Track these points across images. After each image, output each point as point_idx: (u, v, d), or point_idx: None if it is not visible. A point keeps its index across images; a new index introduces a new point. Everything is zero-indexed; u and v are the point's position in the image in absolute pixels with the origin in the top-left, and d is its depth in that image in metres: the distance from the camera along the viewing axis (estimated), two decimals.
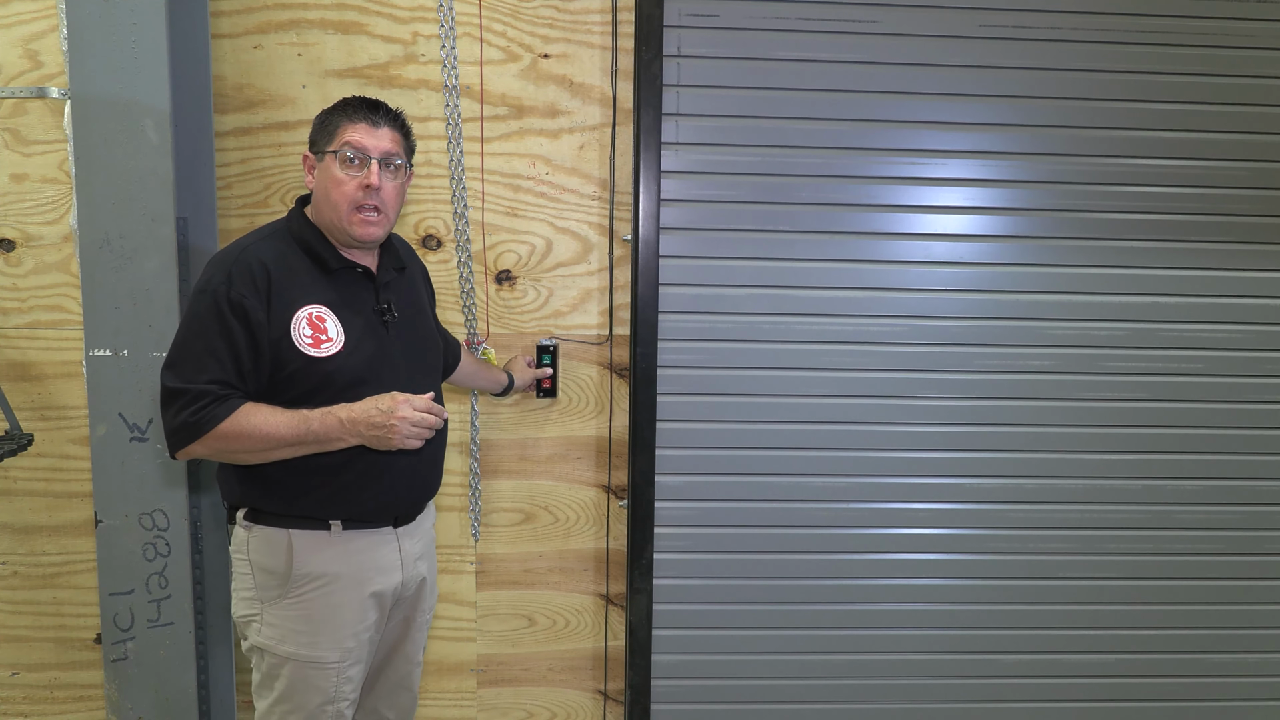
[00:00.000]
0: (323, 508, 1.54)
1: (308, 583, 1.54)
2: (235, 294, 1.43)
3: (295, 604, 1.54)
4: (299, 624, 1.54)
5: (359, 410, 1.47)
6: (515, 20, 2.12)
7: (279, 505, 1.53)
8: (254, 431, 1.43)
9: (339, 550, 1.55)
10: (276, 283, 1.47)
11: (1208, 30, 2.19)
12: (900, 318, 2.24)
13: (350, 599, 1.56)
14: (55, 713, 2.25)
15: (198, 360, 1.43)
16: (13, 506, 2.15)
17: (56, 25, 1.99)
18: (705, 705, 2.34)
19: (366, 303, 1.58)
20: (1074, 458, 2.30)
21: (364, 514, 1.57)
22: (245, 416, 1.43)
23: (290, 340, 1.46)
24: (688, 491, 2.27)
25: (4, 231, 2.06)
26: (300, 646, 1.54)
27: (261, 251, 1.49)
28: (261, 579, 1.55)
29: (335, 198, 1.51)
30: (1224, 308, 2.28)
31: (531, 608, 2.32)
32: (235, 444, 1.44)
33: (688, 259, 2.20)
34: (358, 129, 1.52)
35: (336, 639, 1.55)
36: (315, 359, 1.48)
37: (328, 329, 1.50)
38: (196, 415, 1.41)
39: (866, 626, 2.34)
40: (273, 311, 1.46)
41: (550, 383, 2.21)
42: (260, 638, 1.55)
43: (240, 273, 1.45)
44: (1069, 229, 2.23)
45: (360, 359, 1.52)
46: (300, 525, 1.53)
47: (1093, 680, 2.39)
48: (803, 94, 2.17)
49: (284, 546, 1.53)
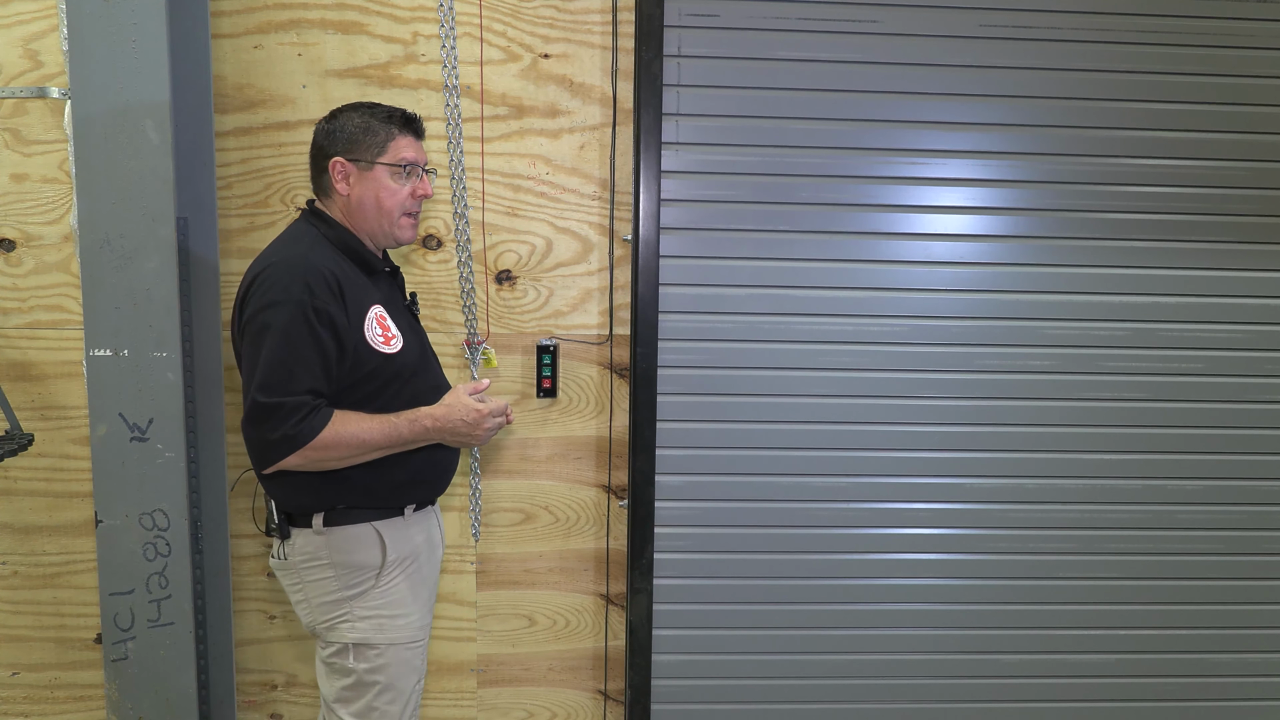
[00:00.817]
0: (400, 496, 1.64)
1: (397, 566, 1.63)
2: (319, 303, 1.48)
3: (388, 589, 1.62)
4: (394, 608, 1.62)
5: (443, 417, 1.59)
6: (515, 20, 2.12)
7: (362, 500, 1.60)
8: (351, 440, 1.51)
9: (415, 530, 1.67)
10: (346, 289, 1.53)
11: (1208, 30, 2.19)
12: (900, 318, 2.24)
13: (424, 575, 1.69)
14: (55, 713, 2.25)
15: (291, 372, 1.47)
16: (13, 506, 2.15)
17: (56, 25, 1.99)
18: (705, 705, 2.34)
19: (399, 299, 1.71)
20: (1074, 458, 2.30)
21: (426, 495, 1.70)
22: (342, 425, 1.50)
23: (366, 341, 1.54)
24: (688, 491, 2.27)
25: (4, 231, 2.06)
26: (399, 630, 1.62)
27: (324, 260, 1.53)
28: (348, 576, 1.60)
29: (389, 205, 1.61)
30: (1224, 308, 2.28)
31: (532, 608, 2.32)
32: (331, 452, 1.50)
33: (688, 259, 2.20)
34: (411, 144, 1.63)
35: (423, 612, 1.68)
36: (390, 355, 1.57)
37: (390, 326, 1.59)
38: (297, 427, 1.46)
39: (867, 626, 2.34)
40: (350, 316, 1.52)
41: (550, 383, 2.21)
42: (356, 633, 1.60)
43: (317, 282, 1.48)
44: (1069, 229, 2.24)
45: (415, 352, 1.64)
46: (382, 516, 1.62)
47: (1093, 680, 2.39)
48: (803, 94, 2.17)
49: (373, 539, 1.61)
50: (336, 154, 1.60)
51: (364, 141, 1.59)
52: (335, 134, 1.61)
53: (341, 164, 1.60)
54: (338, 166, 1.60)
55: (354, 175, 1.60)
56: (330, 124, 1.62)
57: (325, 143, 1.62)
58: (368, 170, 1.60)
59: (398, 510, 1.64)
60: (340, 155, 1.59)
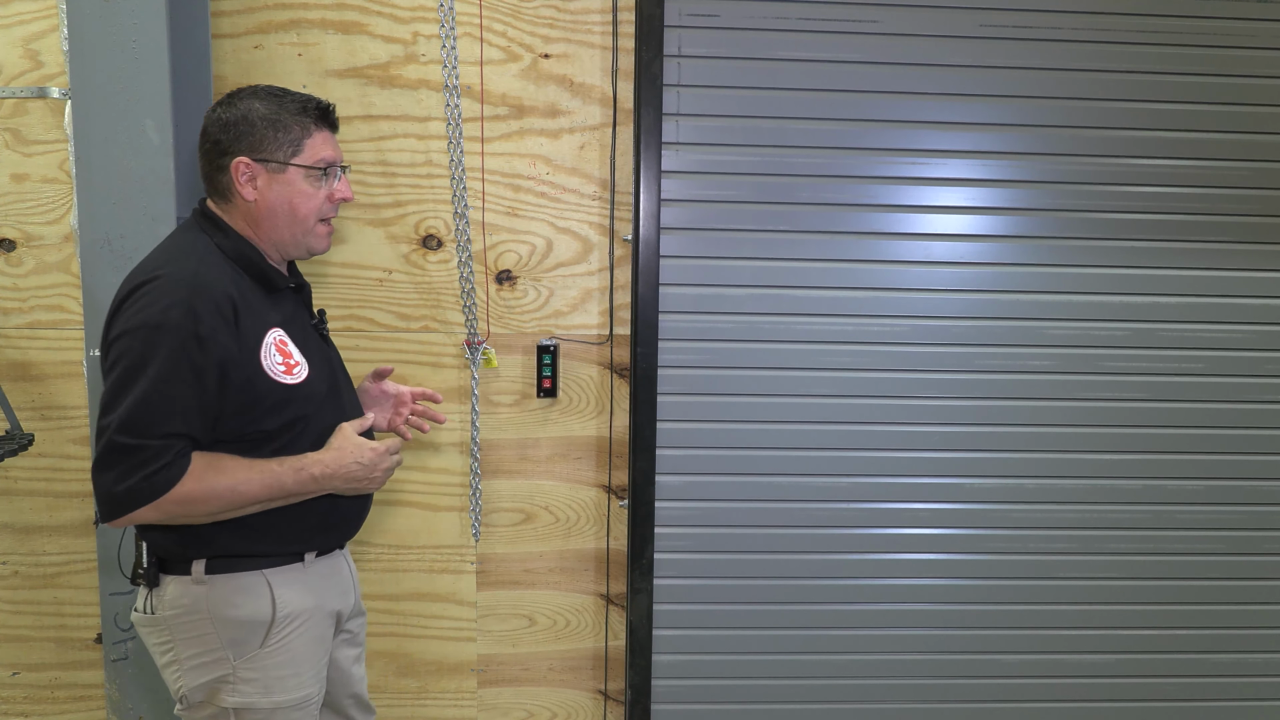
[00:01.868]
0: (302, 538, 1.42)
1: (289, 623, 1.40)
2: (205, 330, 1.24)
3: (278, 649, 1.39)
4: (284, 668, 1.40)
5: (334, 463, 1.35)
6: (515, 20, 2.12)
7: (251, 546, 1.37)
8: (222, 492, 1.27)
9: (312, 582, 1.44)
10: (242, 312, 1.30)
11: (1208, 30, 2.19)
12: (901, 318, 2.24)
13: (325, 629, 1.47)
14: (55, 713, 2.25)
15: (157, 410, 1.22)
16: (13, 506, 2.15)
17: (57, 25, 1.99)
18: (706, 705, 2.34)
19: (305, 320, 1.47)
20: (1074, 458, 2.30)
21: (330, 540, 1.47)
22: (214, 475, 1.27)
23: (263, 372, 1.31)
24: (688, 491, 2.27)
25: (4, 231, 2.06)
26: (287, 691, 1.40)
27: (213, 278, 1.29)
28: (233, 633, 1.37)
29: (305, 213, 1.38)
30: (1224, 308, 2.28)
31: (532, 608, 2.32)
32: (196, 506, 1.27)
33: (688, 259, 2.20)
34: (327, 140, 1.40)
35: (316, 672, 1.45)
36: (292, 386, 1.35)
37: (291, 353, 1.37)
38: (151, 478, 1.22)
39: (867, 626, 2.34)
40: (242, 344, 1.29)
41: (550, 383, 2.21)
42: (238, 698, 1.37)
43: (205, 306, 1.25)
44: (1069, 229, 2.24)
45: (322, 380, 1.42)
46: (276, 563, 1.40)
47: (1093, 680, 2.39)
48: (803, 94, 2.17)
49: (264, 590, 1.38)
50: (240, 153, 1.34)
51: (274, 139, 1.34)
52: (237, 127, 1.34)
53: (247, 165, 1.34)
54: (242, 168, 1.34)
55: (262, 178, 1.35)
56: (229, 113, 1.35)
57: (224, 137, 1.35)
58: (279, 173, 1.35)
59: (296, 557, 1.42)
60: (245, 155, 1.34)
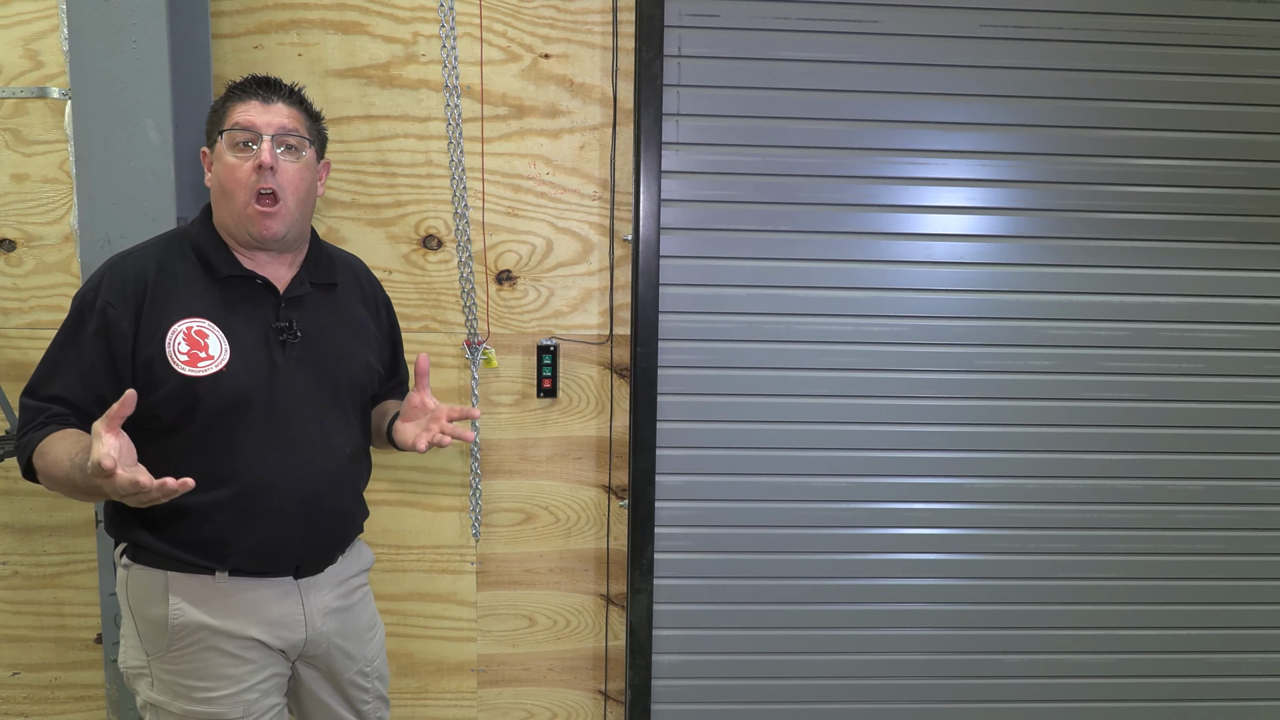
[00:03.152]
0: (203, 551, 1.34)
1: (189, 634, 1.35)
2: (101, 302, 1.28)
3: (183, 657, 1.35)
4: (191, 678, 1.35)
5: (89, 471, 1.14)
6: (516, 20, 2.12)
7: (157, 543, 1.34)
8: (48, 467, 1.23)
9: (224, 602, 1.36)
10: (154, 292, 1.30)
11: (1208, 30, 2.19)
12: (900, 318, 2.24)
13: (243, 652, 1.38)
14: (55, 713, 2.25)
15: (48, 372, 1.29)
16: (13, 506, 2.15)
17: (57, 25, 1.99)
18: (706, 705, 2.34)
19: (264, 319, 1.37)
20: (1074, 458, 2.30)
21: (251, 562, 1.36)
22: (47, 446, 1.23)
23: (164, 357, 1.28)
24: (688, 491, 2.27)
25: (5, 231, 2.06)
26: (197, 703, 1.35)
27: (144, 258, 1.34)
28: (144, 629, 1.36)
29: (230, 186, 1.32)
30: (1224, 308, 2.28)
31: (532, 608, 2.32)
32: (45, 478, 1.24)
33: (688, 259, 2.20)
34: (249, 107, 1.34)
35: (235, 693, 1.36)
36: (190, 379, 1.29)
37: (209, 345, 1.31)
38: (24, 437, 1.26)
39: (867, 626, 2.34)
40: (143, 324, 1.29)
41: (550, 383, 2.21)
42: (153, 693, 1.37)
43: (113, 280, 1.30)
44: (1069, 229, 2.24)
45: (247, 382, 1.33)
46: (179, 567, 1.34)
47: (1094, 680, 2.39)
48: (803, 94, 2.17)
49: (160, 591, 1.34)
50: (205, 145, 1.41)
51: (213, 120, 1.37)
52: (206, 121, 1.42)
53: (205, 152, 1.40)
54: (204, 156, 1.40)
55: (212, 161, 1.37)
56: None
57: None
58: (215, 148, 1.36)
59: (204, 569, 1.34)
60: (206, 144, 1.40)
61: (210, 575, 1.36)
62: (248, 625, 1.38)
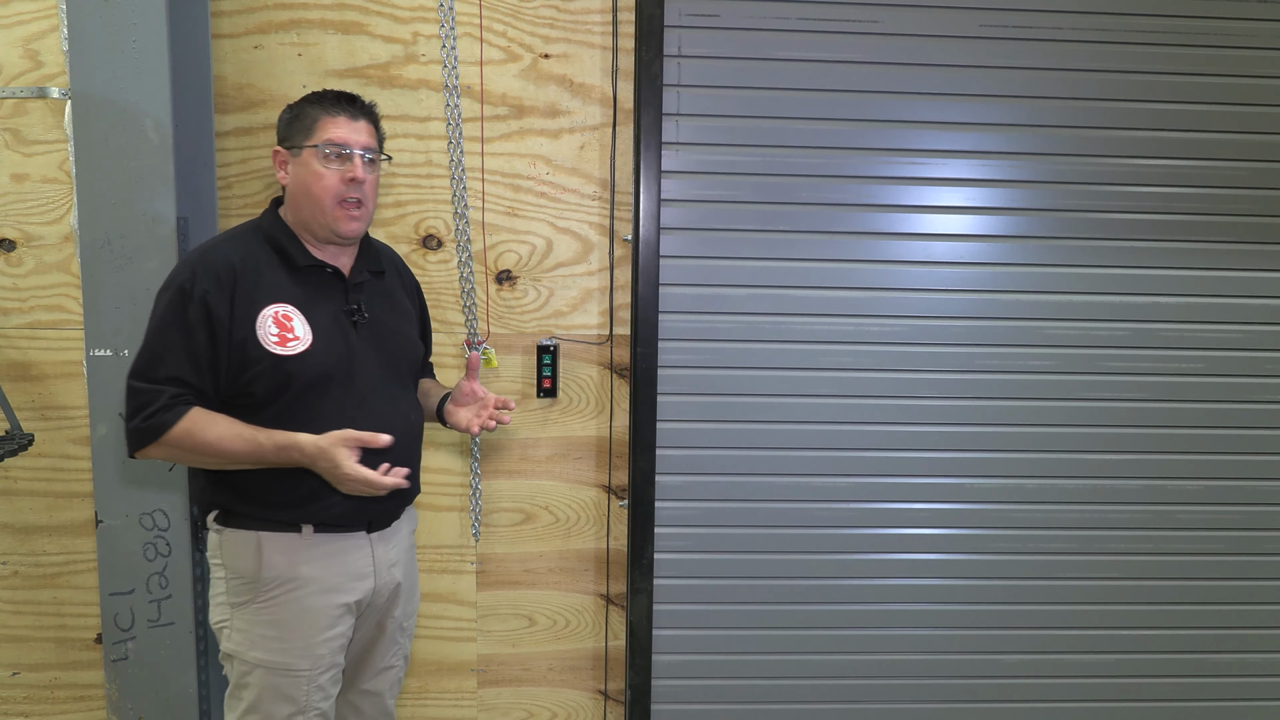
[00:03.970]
0: (292, 511, 1.51)
1: (276, 587, 1.50)
2: (199, 289, 1.41)
3: (264, 608, 1.51)
4: (268, 629, 1.51)
5: (312, 456, 1.43)
6: (515, 20, 2.12)
7: (248, 507, 1.51)
8: (208, 447, 1.42)
9: (310, 554, 1.52)
10: (242, 281, 1.45)
11: (1208, 30, 2.19)
12: (900, 318, 2.24)
13: (321, 605, 1.53)
14: (55, 713, 2.25)
15: (156, 357, 1.42)
16: (13, 506, 2.15)
17: (57, 25, 1.99)
18: (706, 705, 2.34)
19: (335, 303, 1.55)
20: (1074, 458, 2.30)
21: (334, 518, 1.53)
22: (200, 427, 1.41)
23: (256, 339, 1.44)
24: (688, 491, 2.27)
25: (4, 231, 2.06)
26: (270, 653, 1.51)
27: (229, 249, 1.48)
28: (233, 583, 1.52)
29: (317, 192, 1.49)
30: (1224, 308, 2.28)
31: (532, 608, 2.32)
32: (186, 454, 1.43)
33: (688, 259, 2.20)
34: (338, 124, 1.50)
35: (307, 646, 1.52)
36: (281, 357, 1.45)
37: (294, 327, 1.48)
38: (149, 420, 1.39)
39: (867, 626, 2.34)
40: (236, 309, 1.44)
41: (551, 383, 2.21)
42: (230, 643, 1.53)
43: (205, 269, 1.43)
44: (1069, 229, 2.24)
45: (328, 358, 1.49)
46: (270, 528, 1.51)
47: (1093, 680, 2.39)
48: (803, 94, 2.17)
49: (253, 549, 1.50)
50: (279, 143, 1.54)
51: (296, 127, 1.52)
52: (281, 121, 1.55)
53: (279, 151, 1.53)
54: (277, 155, 1.54)
55: (291, 164, 1.52)
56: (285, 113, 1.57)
57: (278, 134, 1.57)
58: (297, 155, 1.51)
59: (292, 527, 1.51)
60: (280, 144, 1.54)
61: (298, 533, 1.52)
62: (328, 576, 1.53)
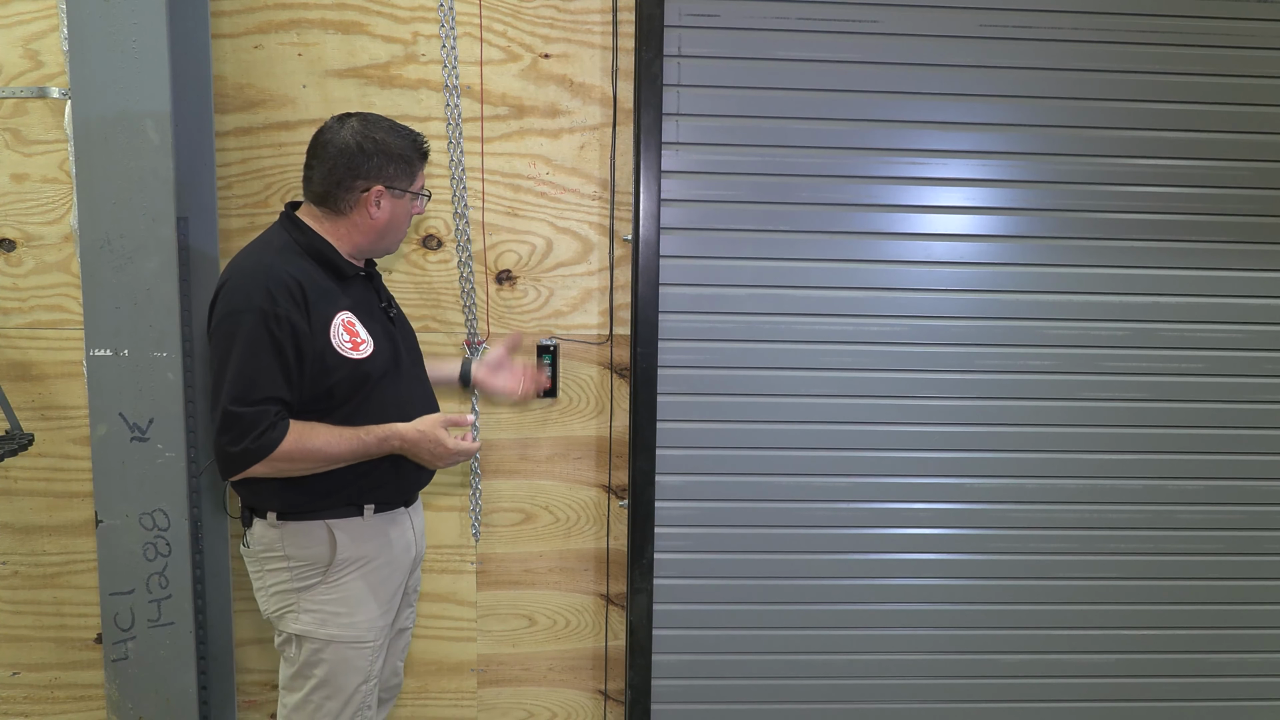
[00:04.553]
0: (359, 495, 1.63)
1: (346, 566, 1.62)
2: (281, 310, 1.48)
3: (334, 587, 1.62)
4: (339, 605, 1.62)
5: (413, 442, 1.59)
6: (515, 20, 2.12)
7: (315, 501, 1.61)
8: (315, 453, 1.52)
9: (372, 532, 1.65)
10: (310, 295, 1.53)
11: (1208, 30, 2.19)
12: (900, 318, 2.24)
13: (383, 577, 1.67)
14: (55, 713, 2.25)
15: (253, 381, 1.47)
16: (13, 506, 2.15)
17: (57, 25, 1.99)
18: (706, 705, 2.34)
19: (373, 303, 1.67)
20: (1074, 458, 2.30)
21: (386, 497, 1.67)
22: (307, 439, 1.51)
23: (332, 348, 1.54)
24: (688, 491, 2.27)
25: (4, 231, 2.06)
26: (341, 628, 1.62)
27: (288, 268, 1.53)
28: (299, 569, 1.62)
29: (404, 227, 1.67)
30: (1224, 308, 2.28)
31: (532, 607, 2.32)
32: (295, 465, 1.52)
33: (688, 259, 2.20)
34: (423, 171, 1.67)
35: (372, 617, 1.65)
36: (358, 361, 1.56)
37: (358, 332, 1.59)
38: (258, 440, 1.47)
39: (867, 626, 2.34)
40: (314, 323, 1.52)
41: (550, 382, 2.21)
42: (299, 625, 1.62)
43: (278, 288, 1.49)
44: (1069, 229, 2.24)
45: (386, 356, 1.63)
46: (337, 515, 1.62)
47: (1094, 680, 2.39)
48: (803, 94, 2.17)
49: (324, 536, 1.61)
50: (380, 182, 1.58)
51: (406, 173, 1.61)
52: (376, 158, 1.56)
53: (381, 192, 1.58)
54: (376, 194, 1.58)
55: (386, 201, 1.60)
56: (364, 141, 1.56)
57: (362, 163, 1.56)
58: (399, 199, 1.61)
59: (356, 510, 1.64)
60: (382, 184, 1.58)
61: (360, 516, 1.64)
62: (387, 549, 1.67)
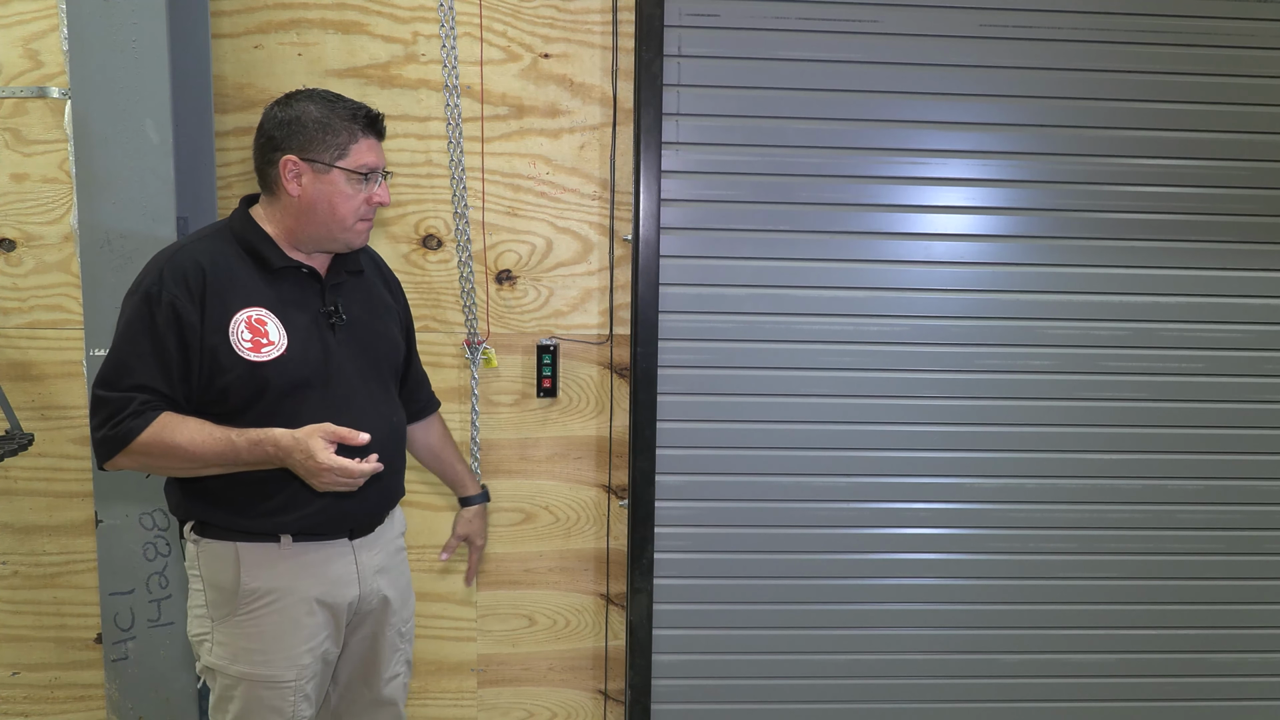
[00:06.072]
0: (270, 520, 1.46)
1: (257, 599, 1.46)
2: (167, 296, 1.36)
3: (245, 621, 1.47)
4: (251, 641, 1.47)
5: (285, 449, 1.35)
6: (515, 20, 2.12)
7: (224, 518, 1.46)
8: (178, 449, 1.35)
9: (289, 564, 1.48)
10: (212, 284, 1.39)
11: (1208, 30, 2.19)
12: (901, 317, 2.24)
13: (302, 614, 1.49)
14: (55, 713, 2.25)
15: (123, 365, 1.36)
16: (13, 506, 2.15)
17: (57, 25, 1.99)
18: (706, 705, 2.34)
19: (312, 304, 1.49)
20: (1074, 458, 2.30)
21: (314, 526, 1.48)
22: (169, 431, 1.35)
23: (229, 345, 1.39)
24: (688, 491, 2.26)
25: (4, 231, 2.06)
26: (253, 665, 1.47)
27: (197, 252, 1.41)
28: (212, 595, 1.48)
29: (344, 213, 1.45)
30: (1224, 308, 2.28)
31: (532, 607, 2.32)
32: (157, 460, 1.38)
33: (688, 259, 2.20)
34: (371, 147, 1.47)
35: (290, 656, 1.48)
36: (256, 364, 1.40)
37: (269, 332, 1.42)
38: (116, 427, 1.34)
39: (867, 626, 2.34)
40: (208, 314, 1.38)
41: (550, 383, 2.21)
42: (212, 658, 1.49)
43: (173, 273, 1.37)
44: (1069, 229, 2.23)
45: (305, 362, 1.45)
46: (247, 538, 1.46)
47: (1093, 680, 2.39)
48: (803, 94, 2.17)
49: (231, 561, 1.46)
50: (290, 151, 1.42)
51: (322, 141, 1.42)
52: (290, 126, 1.43)
53: (294, 163, 1.42)
54: (289, 165, 1.42)
55: (307, 176, 1.43)
56: (285, 112, 1.44)
57: (277, 134, 1.43)
58: (323, 173, 1.43)
59: (270, 537, 1.46)
60: (294, 154, 1.42)
61: (276, 542, 1.47)
62: (311, 586, 1.49)
